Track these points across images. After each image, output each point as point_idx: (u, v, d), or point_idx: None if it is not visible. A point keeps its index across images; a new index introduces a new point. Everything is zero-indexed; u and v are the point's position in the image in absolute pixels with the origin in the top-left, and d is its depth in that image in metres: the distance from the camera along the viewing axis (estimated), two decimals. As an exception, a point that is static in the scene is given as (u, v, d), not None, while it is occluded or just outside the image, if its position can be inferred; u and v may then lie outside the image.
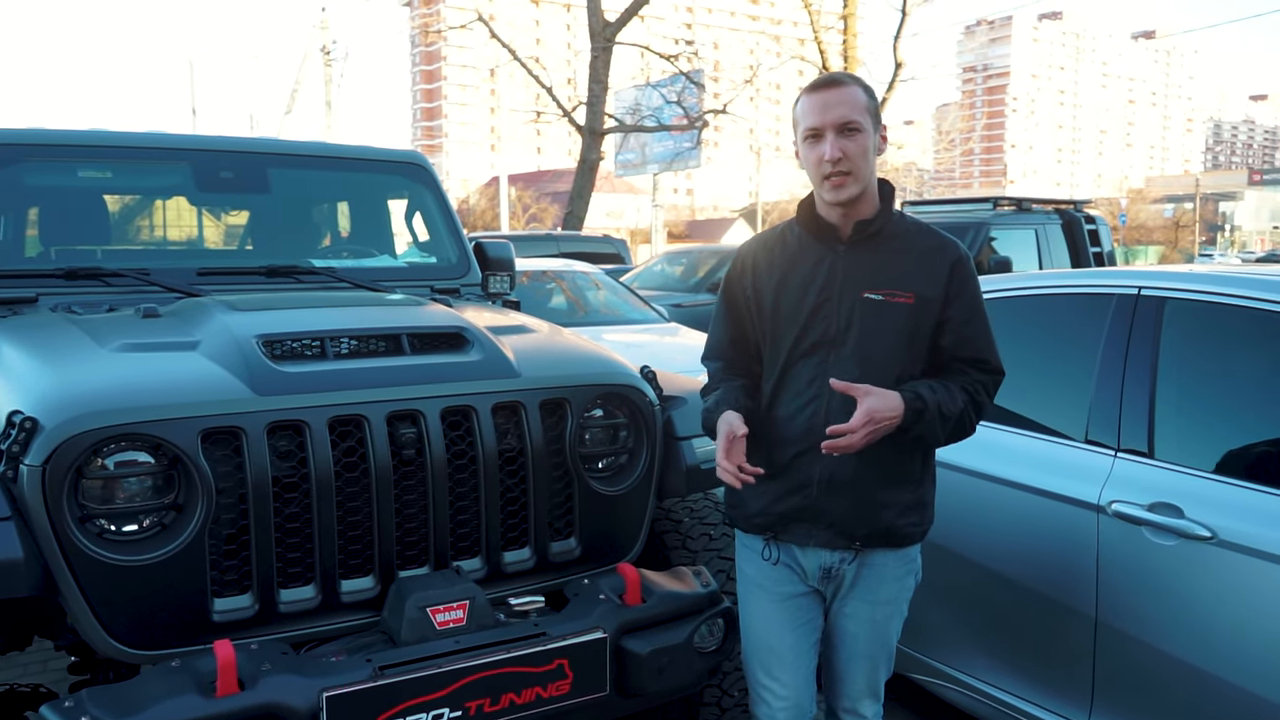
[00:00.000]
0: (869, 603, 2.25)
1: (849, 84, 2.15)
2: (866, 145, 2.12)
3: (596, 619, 2.23)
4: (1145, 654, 2.56)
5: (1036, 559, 2.86)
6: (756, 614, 2.31)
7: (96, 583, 1.97)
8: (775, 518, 2.22)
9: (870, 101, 2.15)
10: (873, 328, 2.14)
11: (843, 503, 2.15)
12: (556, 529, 2.47)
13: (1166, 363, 2.72)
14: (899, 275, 2.15)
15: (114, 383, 2.12)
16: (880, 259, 2.17)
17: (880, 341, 2.14)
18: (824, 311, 2.16)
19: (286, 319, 2.51)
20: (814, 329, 2.17)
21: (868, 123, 2.13)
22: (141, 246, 3.67)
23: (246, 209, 3.69)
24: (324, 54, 30.03)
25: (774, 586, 2.27)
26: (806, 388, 2.17)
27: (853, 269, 2.16)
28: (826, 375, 2.13)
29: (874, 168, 2.17)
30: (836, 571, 2.22)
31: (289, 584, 2.16)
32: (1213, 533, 2.41)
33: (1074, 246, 9.70)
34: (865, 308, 2.14)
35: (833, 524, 2.17)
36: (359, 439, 2.20)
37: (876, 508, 2.16)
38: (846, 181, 2.11)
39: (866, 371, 2.12)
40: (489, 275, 3.72)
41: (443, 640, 2.08)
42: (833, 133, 2.10)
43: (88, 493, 1.99)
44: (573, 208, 18.71)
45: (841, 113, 2.10)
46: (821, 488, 2.16)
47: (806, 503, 2.17)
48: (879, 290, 2.14)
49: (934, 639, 3.17)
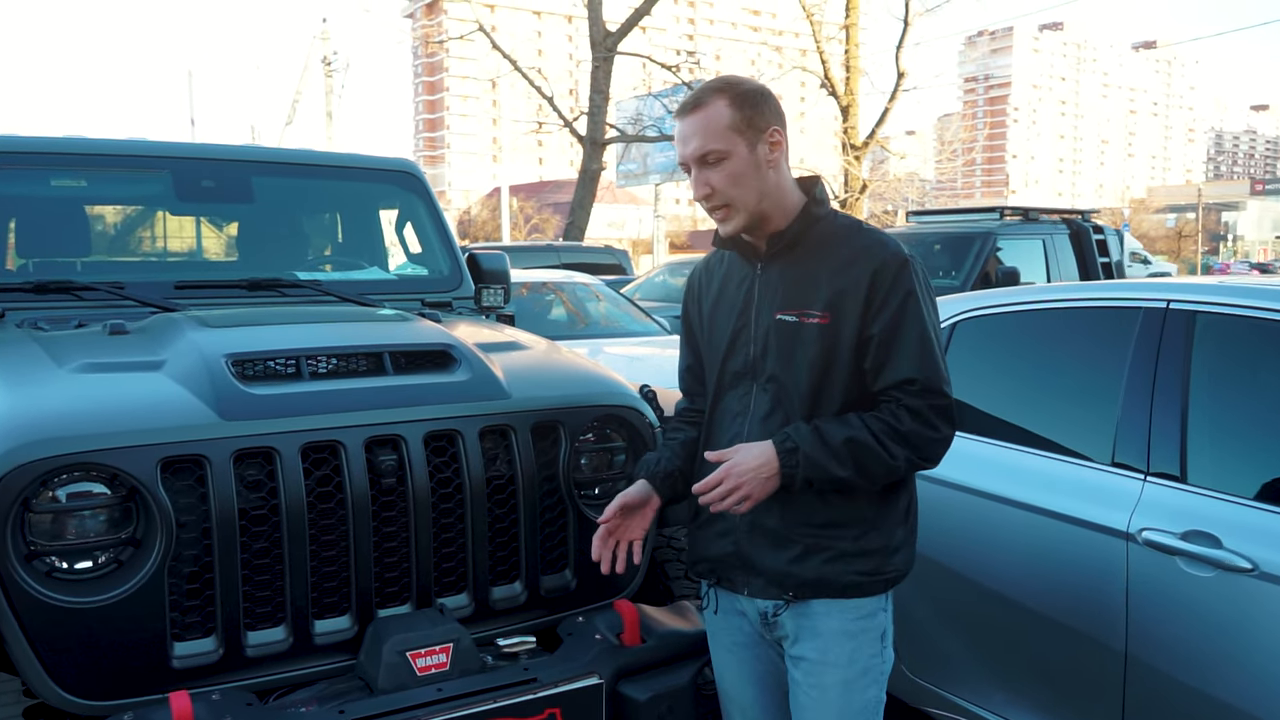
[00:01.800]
0: (815, 663, 1.93)
1: (709, 101, 1.87)
2: (736, 171, 1.86)
3: (591, 662, 2.06)
4: (1178, 690, 2.41)
5: (1060, 588, 2.71)
6: (717, 667, 2.11)
7: (43, 627, 1.81)
8: (714, 563, 2.01)
9: (739, 114, 1.86)
10: (787, 354, 1.89)
11: (768, 548, 1.91)
12: (549, 562, 2.32)
13: (1199, 381, 2.57)
14: (814, 291, 1.88)
15: (66, 407, 1.96)
16: (796, 273, 1.91)
17: (795, 369, 1.88)
18: (742, 338, 1.95)
19: (260, 336, 2.35)
20: (735, 357, 1.96)
21: (735, 144, 1.86)
22: (118, 258, 3.51)
23: (229, 219, 3.54)
24: (325, 65, 30.01)
25: (726, 636, 2.07)
26: (730, 423, 1.96)
27: (768, 288, 1.93)
28: (749, 410, 1.93)
29: (768, 183, 1.89)
30: (773, 620, 1.96)
31: (257, 625, 2.00)
32: (1254, 564, 2.26)
33: (1081, 256, 9.59)
34: (779, 331, 1.89)
35: (761, 571, 1.93)
36: (334, 467, 2.04)
37: (805, 554, 1.89)
38: (728, 215, 1.89)
39: (781, 404, 1.89)
40: (482, 288, 3.56)
41: (424, 688, 1.92)
42: (695, 167, 1.88)
43: (35, 527, 1.83)
44: (574, 218, 18.61)
45: (696, 145, 1.86)
46: (744, 532, 1.93)
47: (735, 548, 1.95)
48: (792, 310, 1.88)
49: (949, 671, 3.02)
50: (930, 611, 2.99)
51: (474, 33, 20.11)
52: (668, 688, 2.10)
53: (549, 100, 19.38)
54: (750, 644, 2.04)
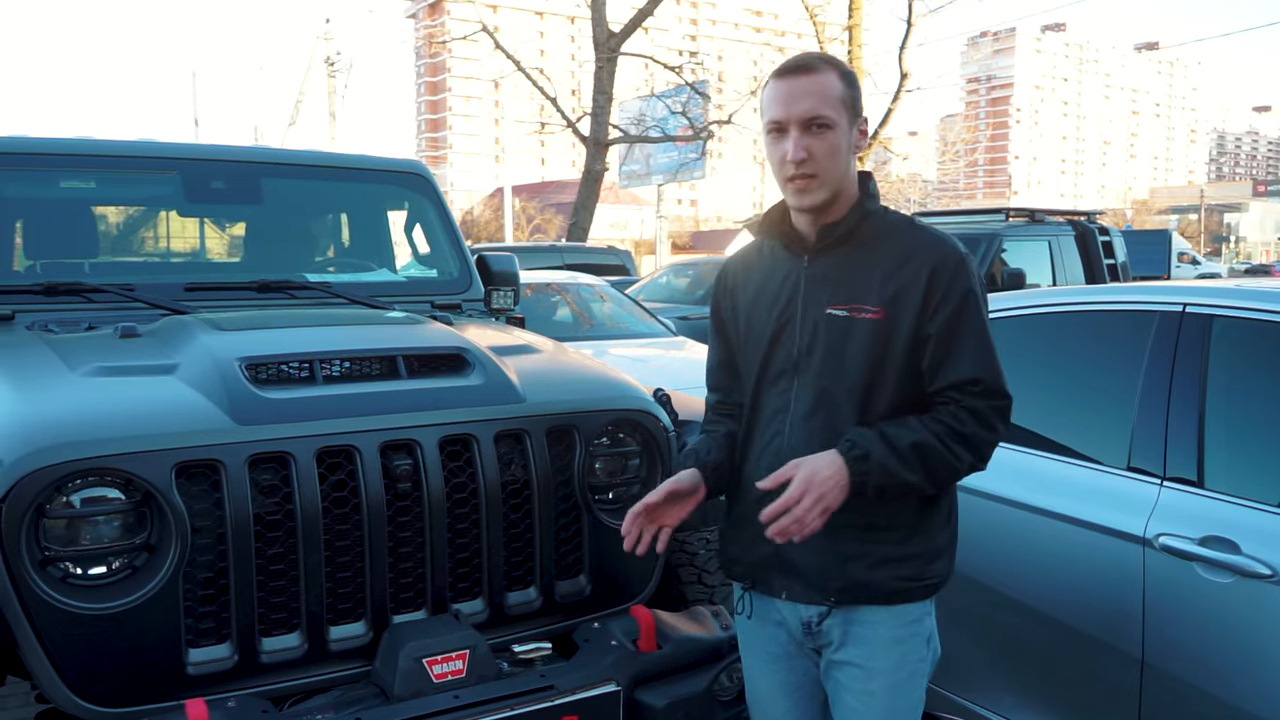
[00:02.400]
0: (862, 669, 1.88)
1: (822, 69, 1.81)
2: (837, 144, 1.80)
3: (608, 669, 2.05)
4: (1195, 698, 2.39)
5: (1075, 594, 2.70)
6: (749, 675, 2.05)
7: (58, 633, 1.79)
8: (749, 566, 1.95)
9: (847, 90, 1.82)
10: (836, 349, 1.81)
11: (810, 552, 1.84)
12: (564, 567, 2.30)
13: (1216, 385, 2.56)
14: (868, 286, 1.81)
15: (80, 411, 1.94)
16: (849, 268, 1.84)
17: (844, 366, 1.81)
18: (787, 333, 1.87)
19: (273, 339, 2.33)
20: (778, 354, 1.88)
21: (841, 117, 1.80)
22: (127, 260, 3.50)
23: (238, 221, 3.53)
24: (328, 65, 30.01)
25: (761, 646, 2.01)
26: (771, 421, 1.89)
27: (816, 281, 1.86)
28: (789, 407, 1.86)
29: (849, 168, 1.85)
30: (817, 628, 1.90)
31: (271, 632, 1.98)
32: (1273, 570, 2.24)
33: (1087, 258, 9.56)
34: (829, 326, 1.82)
35: (802, 575, 1.87)
36: (349, 471, 2.02)
37: (846, 559, 1.84)
38: (810, 185, 1.80)
39: (825, 403, 1.83)
40: (492, 290, 3.55)
41: (440, 695, 1.90)
42: (797, 129, 1.79)
43: (50, 533, 1.81)
44: (577, 219, 18.59)
45: (808, 106, 1.78)
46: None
47: (775, 551, 1.87)
48: (843, 304, 1.81)
49: (961, 676, 3.00)
50: (943, 615, 2.95)
51: (477, 33, 20.11)
52: (685, 694, 2.09)
53: (552, 101, 19.37)
54: (786, 655, 1.98)
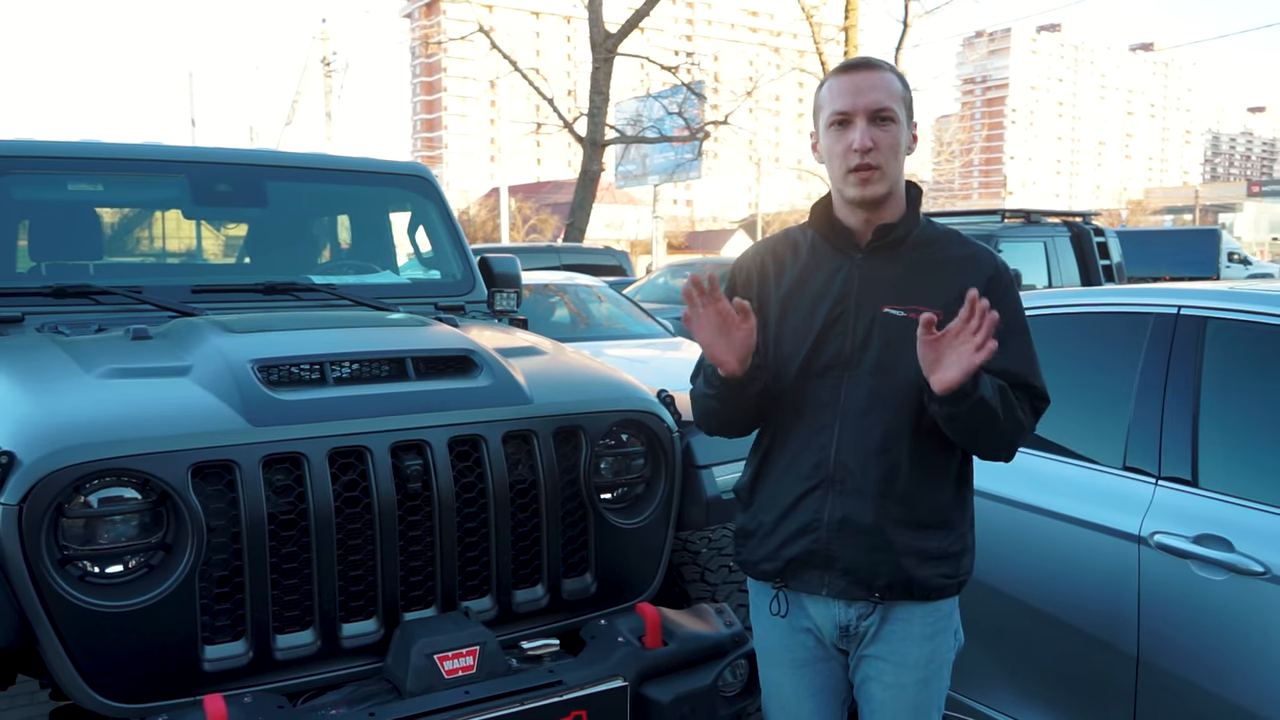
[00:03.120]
0: (894, 664, 1.92)
1: (884, 69, 1.90)
2: (898, 138, 1.87)
3: (615, 665, 2.08)
4: (1190, 693, 2.44)
5: (1072, 591, 2.74)
6: (771, 679, 2.06)
7: (77, 630, 1.82)
8: (784, 563, 1.94)
9: (905, 92, 1.91)
10: (894, 347, 1.85)
11: (858, 547, 1.87)
12: (570, 565, 2.34)
13: (1210, 386, 2.60)
14: (925, 288, 1.87)
15: (97, 413, 1.98)
16: (903, 269, 1.90)
17: (900, 366, 1.84)
18: (838, 328, 1.89)
19: (283, 341, 2.37)
20: (827, 348, 1.90)
21: (902, 114, 1.88)
22: (134, 262, 3.53)
23: (244, 223, 3.56)
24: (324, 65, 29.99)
25: (786, 653, 2.01)
26: (817, 415, 1.90)
27: (871, 280, 1.90)
28: (839, 402, 1.88)
29: (902, 168, 1.92)
30: (855, 629, 1.93)
31: (285, 629, 2.01)
32: (1266, 568, 2.29)
33: (1083, 259, 9.61)
34: (885, 324, 1.87)
35: (847, 570, 1.89)
36: (361, 471, 2.06)
37: (896, 554, 1.87)
38: (874, 176, 1.85)
39: (884, 397, 1.86)
40: (495, 292, 3.58)
41: (452, 690, 1.94)
42: (864, 119, 1.84)
43: (68, 532, 1.85)
44: (574, 219, 18.63)
45: (876, 98, 1.85)
46: (833, 530, 1.88)
47: (816, 546, 1.89)
48: (901, 305, 1.87)
49: (966, 675, 3.03)
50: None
51: (474, 34, 20.12)
52: (690, 690, 2.13)
53: (549, 101, 19.39)
54: (813, 660, 1.99)
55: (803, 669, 1.99)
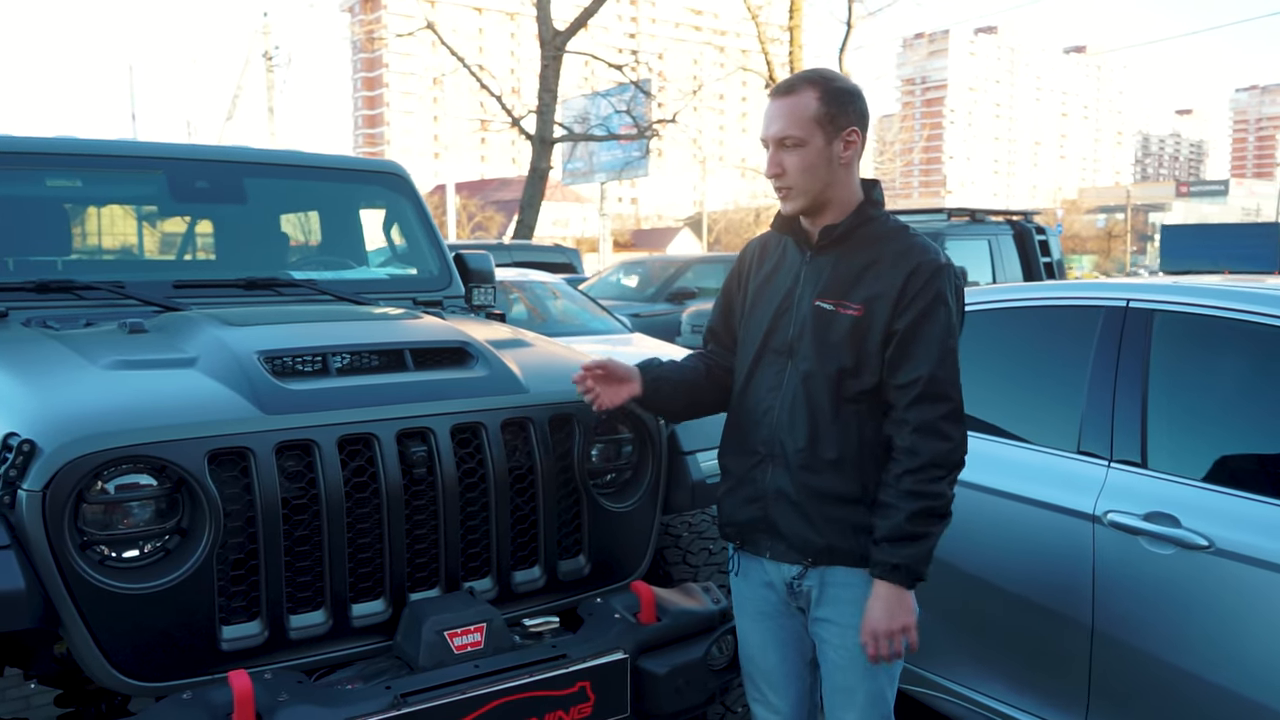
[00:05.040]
0: (840, 626, 2.10)
1: (801, 91, 2.04)
2: (810, 160, 2.03)
3: (615, 639, 2.19)
4: (1141, 661, 2.59)
5: (1030, 569, 2.88)
6: (742, 631, 2.28)
7: (100, 612, 1.88)
8: (740, 527, 2.18)
9: (825, 108, 2.02)
10: (820, 338, 2.06)
11: (792, 516, 2.08)
12: (565, 547, 2.43)
13: (1157, 374, 2.76)
14: (853, 284, 2.05)
15: (114, 402, 2.03)
16: (840, 267, 2.08)
17: (825, 354, 2.05)
18: (784, 319, 2.12)
19: (284, 334, 2.43)
20: (775, 335, 2.13)
21: (814, 135, 2.02)
22: (114, 258, 3.55)
23: (222, 220, 3.59)
24: (266, 60, 29.56)
25: (752, 605, 2.22)
26: (765, 396, 2.13)
27: (813, 276, 2.11)
28: (781, 385, 2.10)
29: (832, 177, 2.05)
30: (799, 586, 2.13)
31: (299, 609, 2.09)
32: (1210, 542, 2.44)
33: (1025, 256, 9.89)
34: (816, 317, 2.07)
35: (784, 536, 2.10)
36: (368, 458, 2.14)
37: (821, 523, 2.06)
38: (788, 195, 2.07)
39: (814, 383, 2.06)
40: (473, 287, 3.66)
41: (462, 665, 2.03)
42: (773, 147, 2.06)
43: (89, 518, 1.90)
44: (523, 216, 18.62)
45: (779, 128, 2.04)
46: (772, 499, 2.11)
47: (761, 513, 2.12)
48: (830, 299, 2.06)
49: (927, 650, 3.15)
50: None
51: (420, 29, 19.99)
52: (683, 662, 2.24)
53: (498, 99, 19.35)
54: (775, 614, 2.20)
55: (766, 620, 2.21)
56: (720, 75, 23.67)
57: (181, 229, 3.71)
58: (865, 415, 2.07)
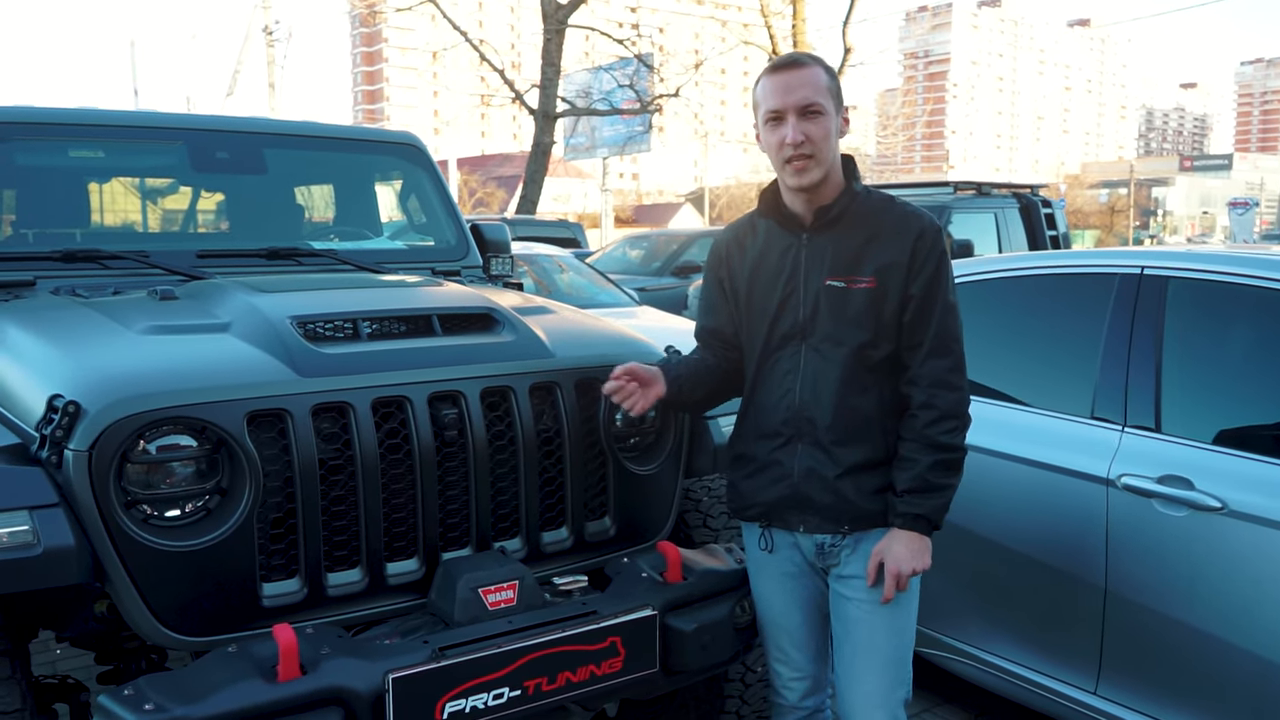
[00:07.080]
0: (865, 581, 2.17)
1: (810, 65, 2.11)
2: (829, 128, 2.09)
3: (643, 596, 2.24)
4: (1154, 621, 2.64)
5: (1045, 532, 2.93)
6: (763, 595, 2.34)
7: (145, 569, 1.93)
8: (767, 507, 2.23)
9: (832, 83, 2.11)
10: (838, 315, 2.12)
11: (824, 492, 2.15)
12: (591, 509, 2.48)
13: (1171, 340, 2.80)
14: (859, 259, 2.12)
15: (155, 365, 2.07)
16: (843, 244, 2.13)
17: (844, 330, 2.12)
18: (791, 302, 2.16)
19: (315, 300, 2.48)
20: (783, 320, 2.17)
21: (830, 105, 2.09)
22: (136, 229, 3.58)
23: (242, 190, 3.62)
24: (267, 34, 29.38)
25: (776, 567, 2.29)
26: (782, 380, 2.18)
27: (815, 257, 2.15)
28: (799, 367, 2.15)
29: (837, 150, 2.15)
30: (831, 547, 2.20)
31: (336, 567, 2.13)
32: (1223, 503, 2.49)
33: (1031, 229, 9.92)
34: (829, 295, 2.12)
35: (819, 510, 2.17)
36: (401, 420, 2.18)
37: (854, 493, 2.14)
38: (808, 165, 2.08)
39: (834, 359, 2.12)
40: (491, 257, 3.69)
41: (496, 621, 2.08)
42: (794, 115, 2.07)
43: (132, 478, 1.95)
44: (527, 192, 18.60)
45: (803, 95, 2.06)
46: (802, 477, 2.17)
47: (791, 491, 2.18)
48: (841, 277, 2.12)
49: (940, 612, 3.23)
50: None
51: (420, 3, 19.88)
52: (709, 620, 2.29)
53: (500, 73, 19.27)
54: (799, 574, 2.28)
55: (790, 581, 2.28)
56: (722, 49, 23.50)
57: (203, 199, 3.74)
58: (884, 379, 2.15)
